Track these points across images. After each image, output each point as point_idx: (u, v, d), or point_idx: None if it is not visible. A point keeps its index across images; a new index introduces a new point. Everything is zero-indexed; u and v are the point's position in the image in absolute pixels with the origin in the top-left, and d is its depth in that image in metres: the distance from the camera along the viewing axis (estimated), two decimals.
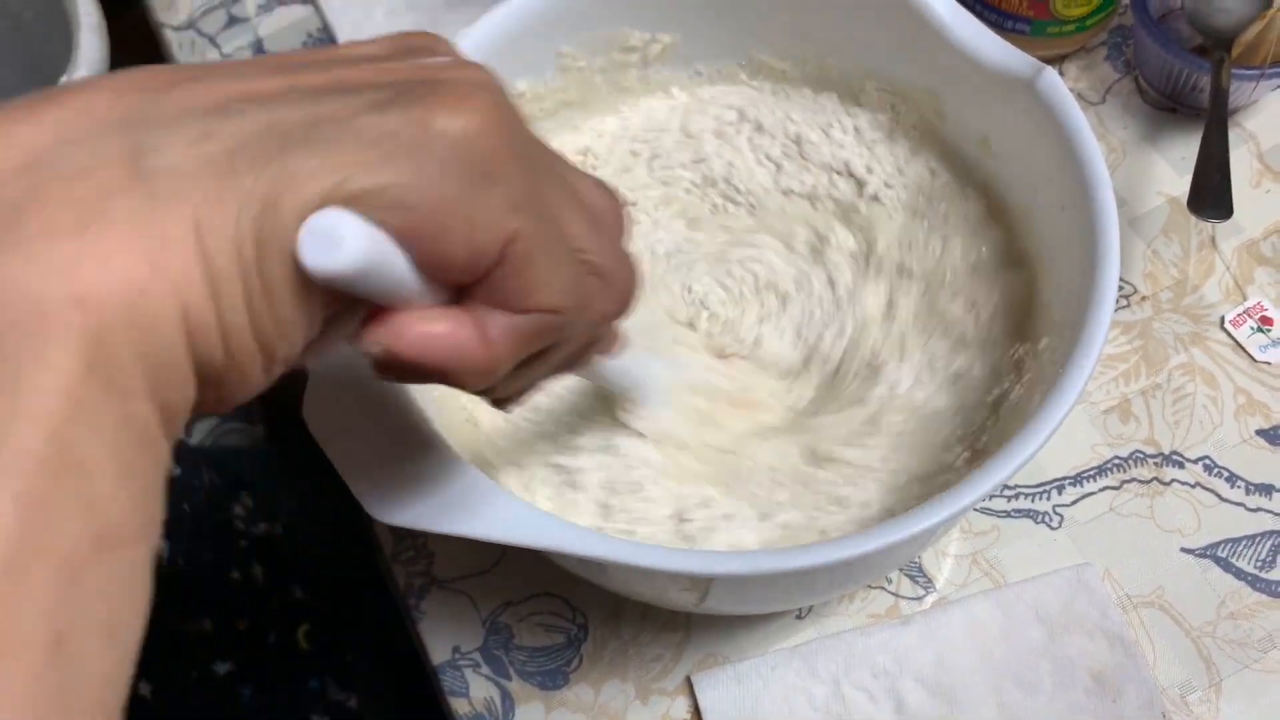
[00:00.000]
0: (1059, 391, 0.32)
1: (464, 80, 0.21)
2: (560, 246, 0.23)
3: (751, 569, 0.30)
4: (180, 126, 0.19)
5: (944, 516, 0.30)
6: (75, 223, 0.18)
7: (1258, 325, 0.47)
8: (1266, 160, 0.50)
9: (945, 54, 0.39)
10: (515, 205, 0.21)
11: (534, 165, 0.22)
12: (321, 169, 0.19)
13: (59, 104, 0.19)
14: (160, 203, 0.18)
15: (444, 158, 0.20)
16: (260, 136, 0.19)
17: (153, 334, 0.19)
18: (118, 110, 0.19)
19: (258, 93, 0.20)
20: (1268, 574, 0.42)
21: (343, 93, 0.21)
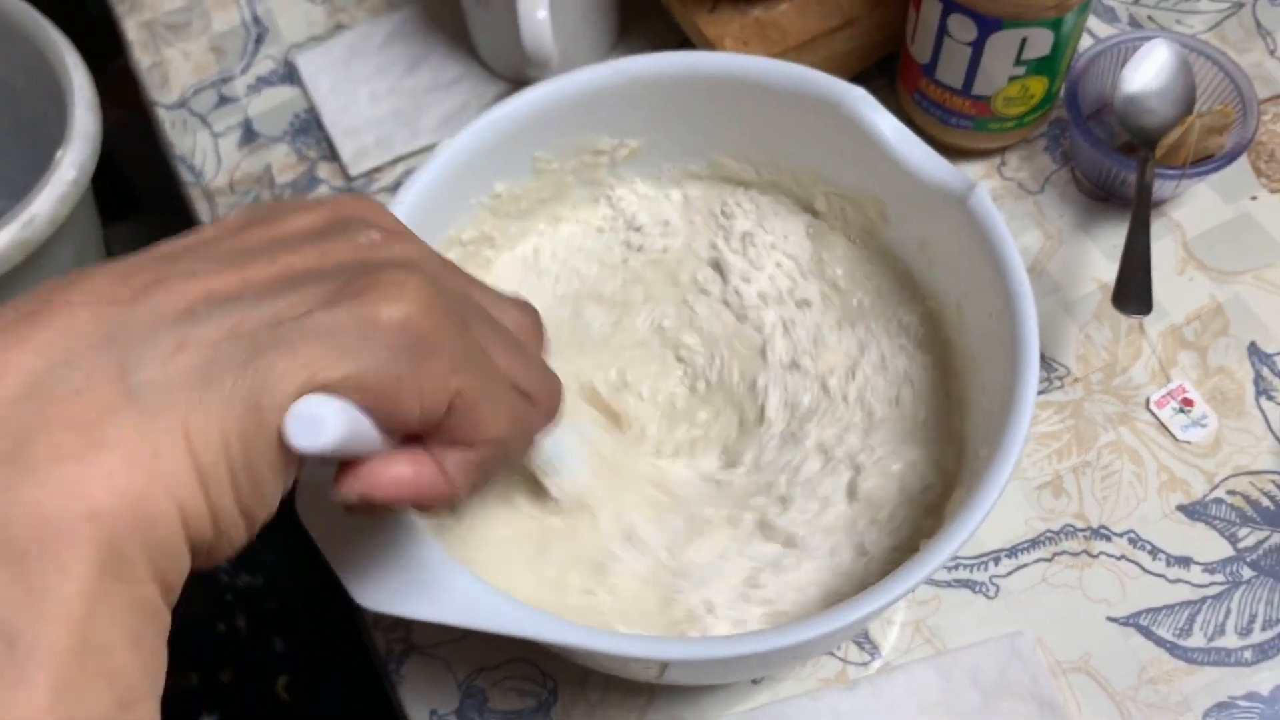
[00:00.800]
0: (981, 490, 0.35)
1: (396, 265, 0.25)
2: (496, 386, 0.27)
3: (702, 655, 0.33)
4: (156, 338, 0.22)
5: (872, 608, 0.33)
6: (79, 446, 0.21)
7: (1180, 406, 0.50)
8: (1191, 249, 0.54)
9: (888, 167, 0.43)
10: (454, 367, 0.25)
11: (464, 321, 0.26)
12: (291, 369, 0.23)
13: (46, 326, 0.22)
14: (150, 417, 0.22)
15: (390, 343, 0.24)
16: (229, 343, 0.23)
17: (154, 531, 0.22)
18: (99, 327, 0.22)
19: (217, 294, 0.24)
20: (1185, 641, 0.46)
21: (291, 286, 0.24)
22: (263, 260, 0.25)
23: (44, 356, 0.22)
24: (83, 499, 0.21)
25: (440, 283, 0.26)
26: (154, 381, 0.22)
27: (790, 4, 0.55)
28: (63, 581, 0.20)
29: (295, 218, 0.27)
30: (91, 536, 0.21)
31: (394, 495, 0.25)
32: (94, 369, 0.22)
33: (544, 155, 0.47)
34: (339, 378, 0.23)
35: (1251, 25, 0.60)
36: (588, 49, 0.60)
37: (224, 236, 0.26)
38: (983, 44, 0.50)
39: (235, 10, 0.67)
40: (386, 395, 0.24)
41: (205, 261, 0.25)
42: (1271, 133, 0.57)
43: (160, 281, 0.24)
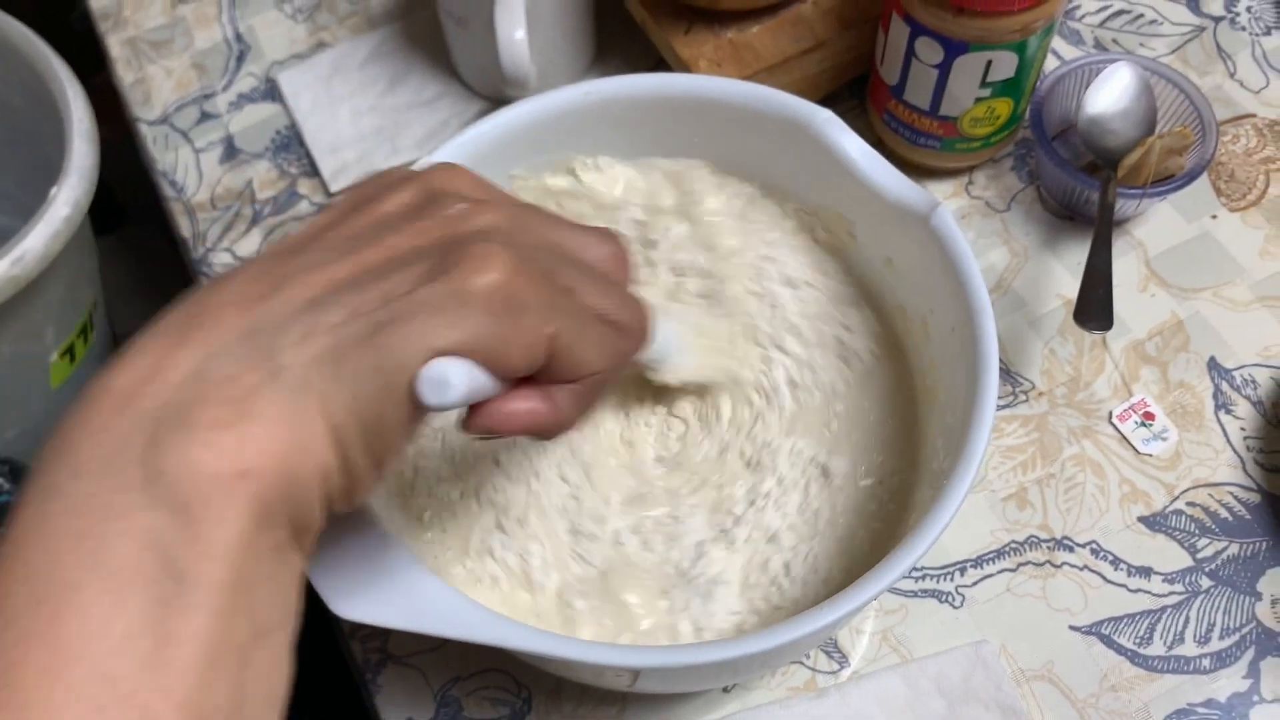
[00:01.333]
0: (943, 500, 0.36)
1: (480, 236, 0.28)
2: (587, 326, 0.30)
3: (672, 662, 0.34)
4: (290, 327, 0.26)
5: (835, 616, 0.34)
6: (233, 417, 0.25)
7: (1141, 420, 0.52)
8: (1153, 266, 0.56)
9: (855, 186, 0.44)
10: (546, 318, 0.28)
11: (548, 272, 0.29)
12: (409, 339, 0.26)
13: (201, 326, 0.27)
14: (291, 392, 0.26)
15: (486, 308, 0.27)
16: (350, 324, 0.26)
17: (297, 489, 0.26)
18: (244, 322, 0.27)
19: (336, 281, 0.28)
20: (1145, 650, 0.47)
21: (396, 267, 0.28)
22: (369, 245, 0.29)
23: (201, 351, 0.26)
24: (238, 460, 0.25)
25: (522, 239, 0.29)
26: (291, 363, 0.26)
27: (763, 26, 0.56)
28: (221, 528, 0.24)
29: (391, 197, 0.30)
30: (245, 492, 0.25)
31: (515, 427, 0.29)
32: (242, 357, 0.26)
33: (520, 173, 0.48)
34: (450, 344, 0.26)
35: (1213, 48, 0.62)
36: (565, 69, 0.62)
37: (335, 224, 0.30)
38: (949, 66, 0.51)
39: (217, 28, 0.68)
40: (493, 352, 0.27)
41: (323, 252, 0.29)
42: (1231, 153, 0.58)
43: (288, 277, 0.28)
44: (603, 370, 0.31)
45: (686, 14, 0.57)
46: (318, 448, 0.26)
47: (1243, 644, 0.47)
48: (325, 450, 0.26)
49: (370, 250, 0.28)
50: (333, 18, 0.67)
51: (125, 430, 0.25)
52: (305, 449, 0.25)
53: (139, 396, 0.25)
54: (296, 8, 0.68)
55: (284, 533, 0.26)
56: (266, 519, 0.25)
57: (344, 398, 0.26)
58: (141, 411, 0.25)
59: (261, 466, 0.25)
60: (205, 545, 0.24)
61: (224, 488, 0.24)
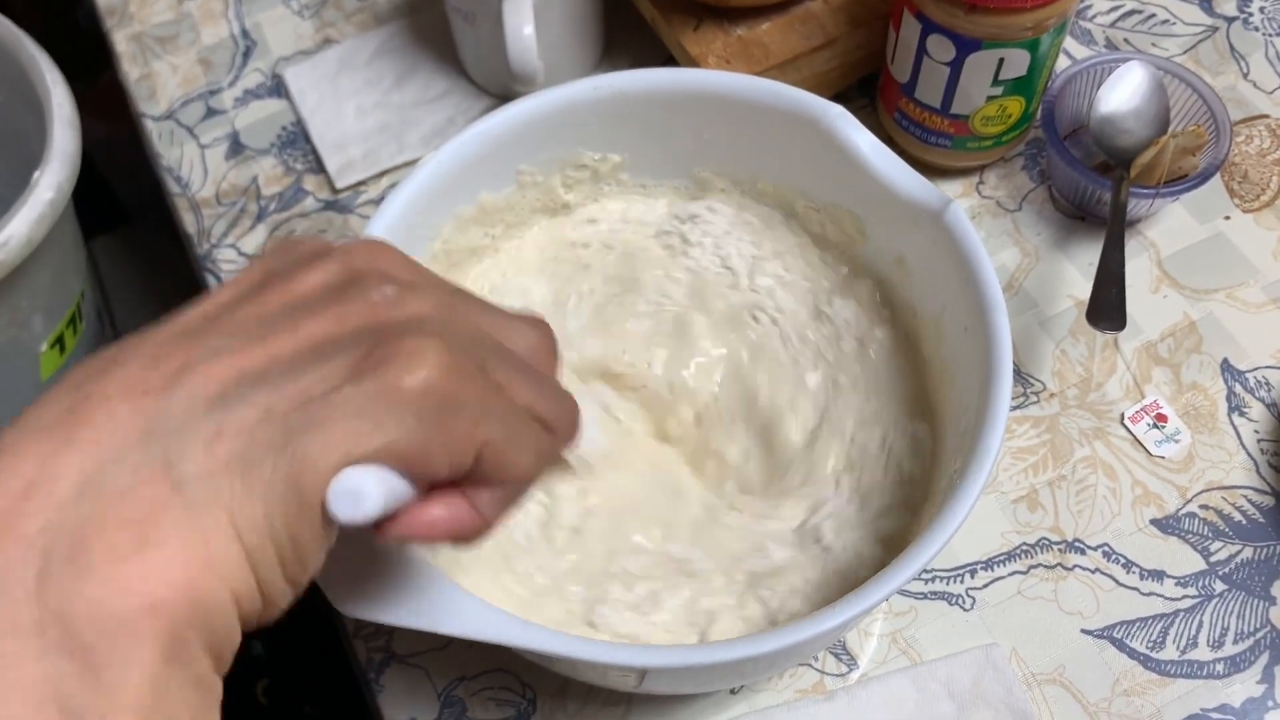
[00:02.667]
0: (954, 502, 0.36)
1: (411, 328, 0.26)
2: (519, 428, 0.27)
3: (680, 662, 0.34)
4: (195, 427, 0.24)
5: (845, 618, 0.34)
6: (134, 544, 0.22)
7: (1154, 422, 0.51)
8: (1165, 267, 0.55)
9: (866, 183, 0.44)
10: (478, 420, 0.26)
11: (482, 368, 0.27)
12: (327, 447, 0.24)
13: (88, 424, 0.23)
14: (198, 509, 0.23)
15: (415, 411, 0.25)
16: (263, 426, 0.24)
17: (210, 616, 0.23)
18: (138, 420, 0.23)
19: (246, 372, 0.24)
20: (1158, 654, 0.46)
21: (315, 358, 0.25)
22: (284, 330, 0.26)
23: (90, 456, 0.23)
24: (143, 594, 0.22)
25: (455, 329, 0.27)
26: (197, 473, 0.23)
27: (773, 23, 0.56)
28: (129, 671, 0.22)
29: (309, 275, 0.27)
30: (153, 628, 0.22)
31: (431, 537, 0.27)
32: (139, 465, 0.23)
33: (528, 169, 0.47)
34: (372, 451, 0.24)
35: (1226, 49, 0.61)
36: (573, 66, 0.61)
37: (242, 300, 0.27)
38: (961, 64, 0.51)
39: (224, 24, 0.67)
40: (417, 460, 0.25)
41: (228, 336, 0.25)
42: (1244, 154, 0.58)
43: (190, 365, 0.24)
44: (530, 473, 0.28)
45: (696, 11, 0.56)
46: (230, 571, 0.23)
47: (1257, 648, 0.46)
48: (239, 572, 0.24)
49: (285, 337, 0.25)
50: (339, 14, 0.67)
51: (8, 561, 0.22)
52: (217, 573, 0.23)
53: (20, 516, 0.22)
54: (303, 4, 0.68)
55: (202, 663, 0.24)
56: (178, 654, 0.23)
57: (256, 514, 0.23)
58: (26, 536, 0.22)
59: (169, 599, 0.22)
60: (112, 693, 0.22)
61: (129, 626, 0.22)
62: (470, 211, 0.47)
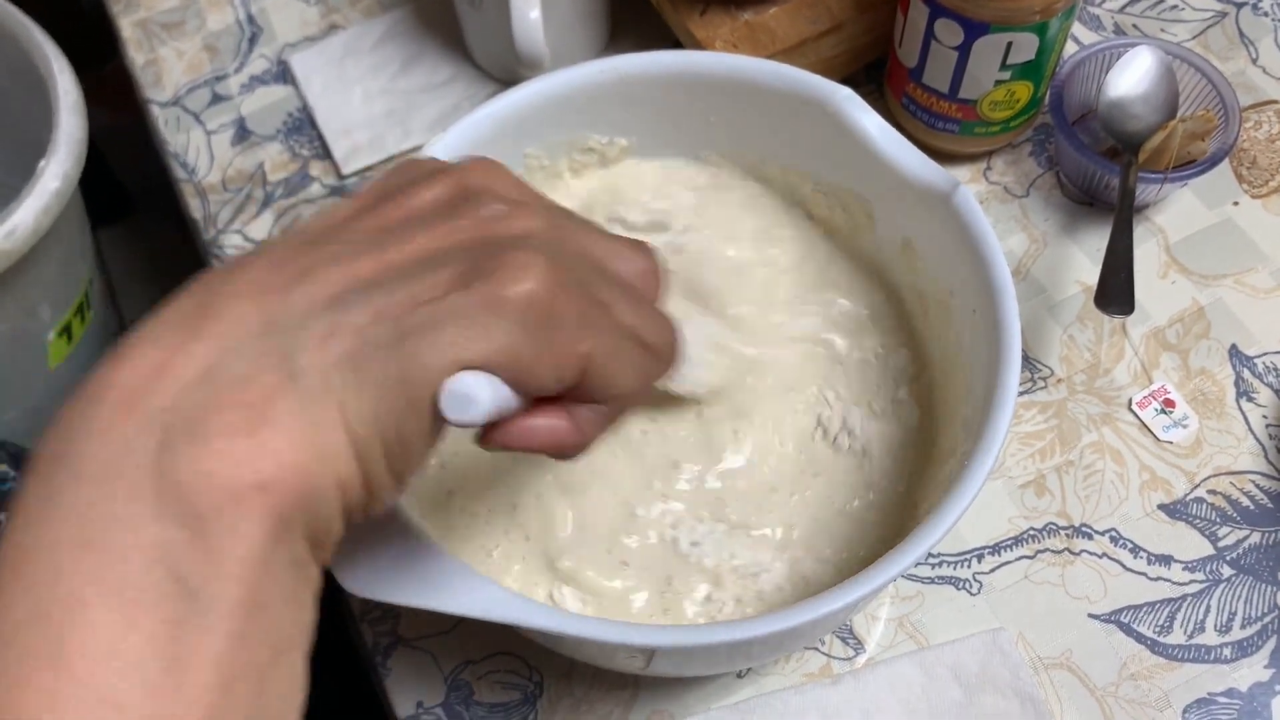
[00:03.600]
0: (961, 485, 0.35)
1: (518, 242, 0.27)
2: (620, 345, 0.28)
3: (688, 641, 0.34)
4: (310, 325, 0.25)
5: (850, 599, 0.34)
6: (248, 424, 0.23)
7: (1161, 407, 0.51)
8: (1173, 253, 0.55)
9: (873, 165, 0.43)
10: (581, 335, 0.27)
11: (585, 286, 0.28)
12: (435, 351, 0.25)
13: (216, 318, 0.25)
14: (310, 399, 0.24)
15: (520, 320, 0.26)
16: (375, 327, 0.25)
17: (315, 501, 0.24)
18: (261, 316, 0.25)
19: (361, 278, 0.26)
20: (1165, 638, 0.46)
21: (426, 267, 0.26)
22: (398, 241, 0.27)
23: (215, 346, 0.24)
24: (253, 471, 0.23)
25: (561, 248, 0.28)
26: (311, 366, 0.24)
27: (780, 8, 0.56)
28: (236, 544, 0.23)
29: (424, 190, 0.28)
30: (261, 504, 0.23)
31: (535, 446, 0.28)
32: (258, 356, 0.24)
33: (535, 152, 0.47)
34: (479, 357, 0.25)
35: (1234, 34, 0.61)
36: (579, 50, 0.61)
37: (362, 213, 0.28)
38: (969, 48, 0.51)
39: (229, 9, 0.67)
40: (523, 368, 0.26)
41: (347, 244, 0.27)
42: (1253, 139, 0.58)
43: (310, 269, 0.26)
44: (631, 392, 0.29)
45: None
46: (337, 459, 0.24)
47: (1264, 633, 0.46)
48: (345, 461, 0.25)
49: (399, 247, 0.26)
50: (344, 0, 0.67)
51: (133, 433, 0.23)
52: (324, 460, 0.24)
53: (147, 394, 0.24)
54: None
55: (301, 546, 0.25)
56: (284, 533, 0.24)
57: (365, 407, 0.24)
58: (150, 412, 0.23)
59: (278, 478, 0.23)
60: (220, 562, 0.23)
61: (239, 500, 0.23)
62: None
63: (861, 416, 0.45)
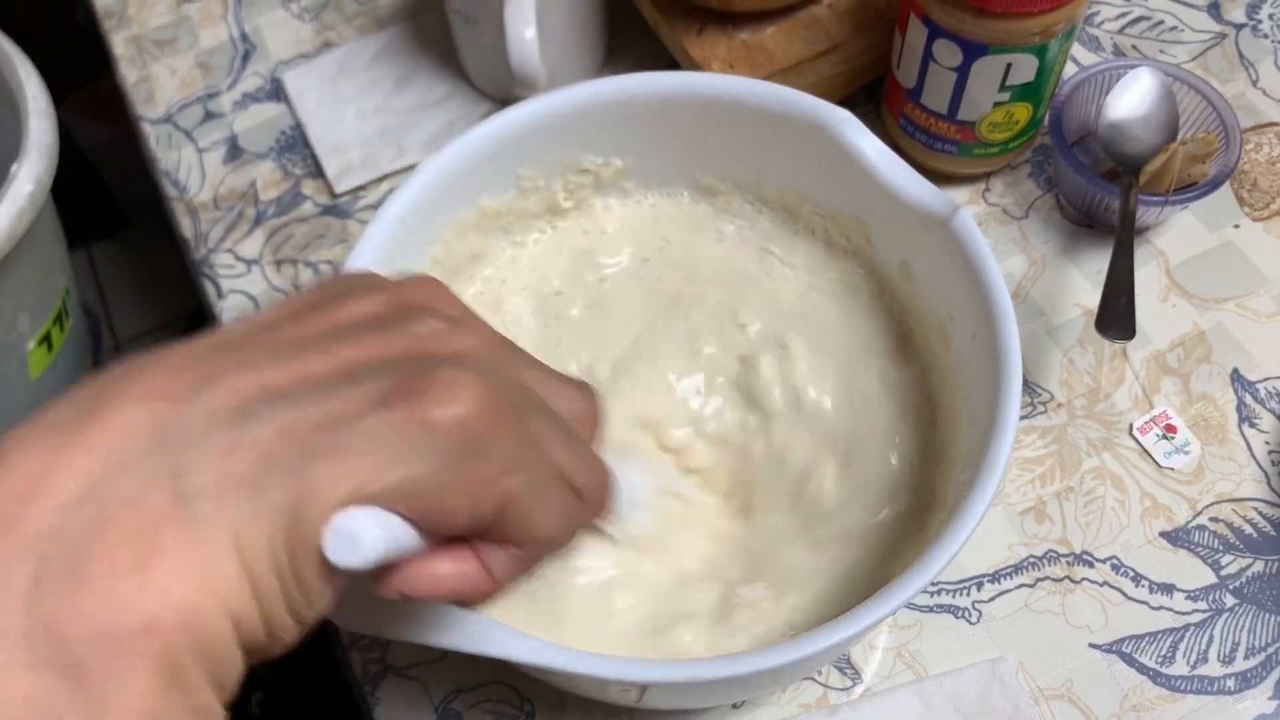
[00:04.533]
0: (962, 514, 0.35)
1: (453, 361, 0.25)
2: (547, 485, 0.26)
3: (682, 677, 0.33)
4: (209, 439, 0.22)
5: (851, 633, 0.33)
6: (134, 558, 0.21)
7: (1163, 433, 0.50)
8: (1174, 276, 0.54)
9: (872, 189, 0.43)
10: (507, 469, 0.24)
11: (520, 416, 0.25)
12: (339, 477, 0.22)
13: (101, 425, 0.22)
14: (202, 527, 0.22)
15: (442, 447, 0.23)
16: (280, 446, 0.22)
17: (209, 641, 0.22)
18: (153, 426, 0.22)
19: (271, 388, 0.23)
20: (1168, 669, 0.45)
21: (346, 382, 0.24)
22: (319, 351, 0.24)
23: (99, 459, 0.22)
24: (140, 613, 0.21)
25: (498, 374, 0.26)
26: (205, 489, 0.22)
27: (777, 27, 0.55)
28: (123, 694, 0.21)
29: (356, 303, 0.26)
30: (150, 649, 0.21)
31: (434, 594, 0.25)
32: (148, 474, 0.22)
33: (528, 174, 0.46)
34: (383, 489, 0.23)
35: (1234, 55, 0.61)
36: (575, 70, 0.61)
37: (283, 323, 0.26)
38: (968, 69, 0.50)
39: (223, 26, 0.67)
40: (433, 503, 0.24)
41: (262, 352, 0.24)
42: (1254, 161, 0.57)
43: (215, 376, 0.23)
44: (553, 537, 0.27)
45: (699, 15, 0.56)
46: (231, 595, 0.22)
47: (1268, 664, 0.45)
48: (240, 598, 0.22)
49: (320, 358, 0.24)
50: (339, 17, 0.67)
51: (2, 566, 0.21)
52: (218, 597, 0.22)
53: (19, 519, 0.21)
54: (303, 7, 0.67)
55: (205, 694, 0.22)
56: (176, 681, 0.21)
57: (259, 539, 0.22)
58: (23, 542, 0.21)
59: (166, 619, 0.21)
60: (106, 717, 0.21)
61: (123, 647, 0.21)
62: (470, 216, 0.46)
63: (862, 446, 0.44)
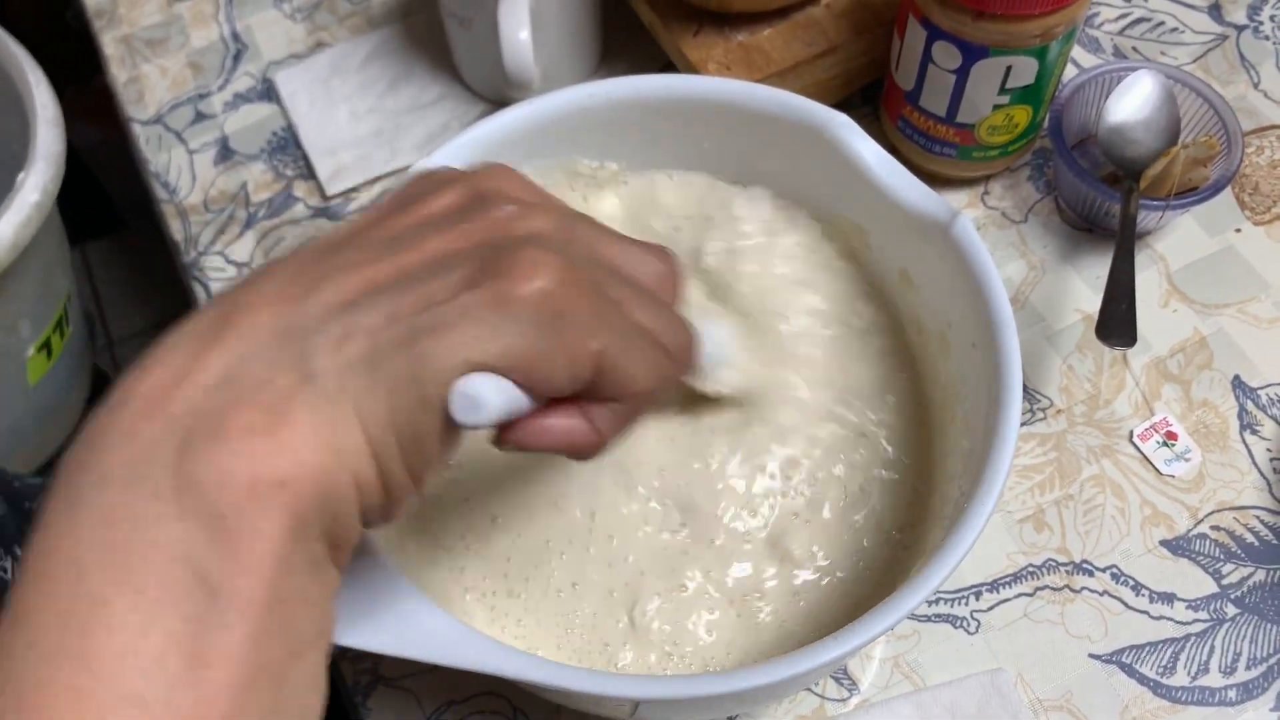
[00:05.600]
0: (963, 524, 0.34)
1: (530, 241, 0.27)
2: (635, 344, 0.28)
3: (677, 694, 0.32)
4: (326, 329, 0.25)
5: (851, 646, 0.33)
6: (267, 424, 0.24)
7: (1163, 440, 0.50)
8: (1174, 281, 0.54)
9: (871, 194, 0.42)
10: (592, 332, 0.27)
11: (598, 285, 0.28)
12: (447, 351, 0.25)
13: (233, 327, 0.25)
14: (326, 399, 0.24)
15: (531, 318, 0.26)
16: (388, 328, 0.25)
17: (333, 501, 0.25)
18: (277, 322, 0.25)
19: (374, 282, 0.26)
20: (1168, 680, 0.45)
21: (439, 269, 0.26)
22: (411, 246, 0.27)
23: (234, 352, 0.25)
24: (273, 469, 0.24)
25: (574, 248, 0.28)
26: (326, 368, 0.25)
27: (774, 29, 0.55)
28: (256, 541, 0.23)
29: (438, 198, 0.29)
30: (280, 503, 0.24)
31: (550, 445, 0.28)
32: (276, 360, 0.25)
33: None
34: (490, 357, 0.25)
35: (1235, 58, 0.60)
36: (570, 71, 0.60)
37: (379, 223, 0.28)
38: (967, 71, 0.50)
39: (214, 26, 0.66)
40: (533, 368, 0.26)
41: (362, 251, 0.27)
42: (1255, 165, 0.57)
43: (325, 276, 0.26)
44: (647, 391, 0.29)
45: (696, 16, 0.55)
46: (354, 458, 0.25)
47: (1270, 674, 0.45)
48: (362, 461, 0.25)
49: (411, 251, 0.27)
50: (332, 17, 0.66)
51: (154, 436, 0.24)
52: (342, 459, 0.24)
53: (168, 400, 0.24)
54: (295, 7, 0.66)
55: (320, 546, 0.25)
56: (302, 532, 0.24)
57: (380, 407, 0.25)
58: (171, 416, 0.24)
59: (297, 476, 0.24)
60: (240, 559, 0.23)
61: (259, 498, 0.23)
62: None
63: (861, 454, 0.43)
